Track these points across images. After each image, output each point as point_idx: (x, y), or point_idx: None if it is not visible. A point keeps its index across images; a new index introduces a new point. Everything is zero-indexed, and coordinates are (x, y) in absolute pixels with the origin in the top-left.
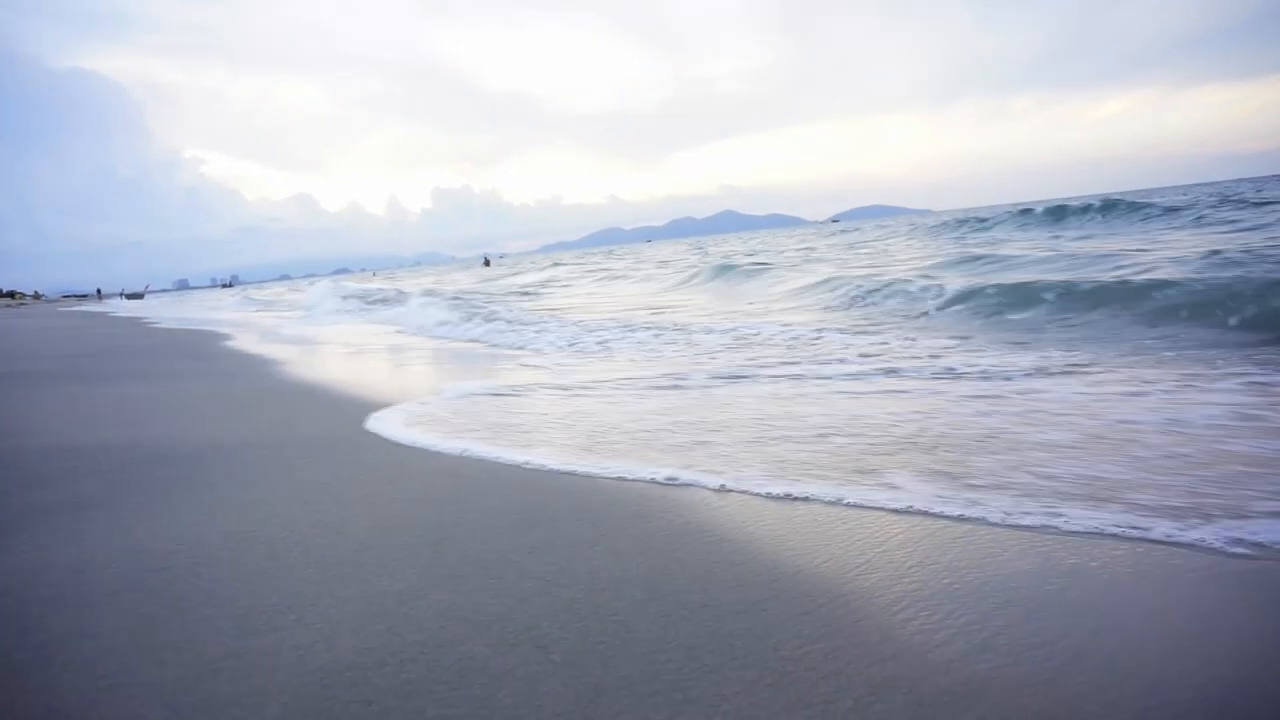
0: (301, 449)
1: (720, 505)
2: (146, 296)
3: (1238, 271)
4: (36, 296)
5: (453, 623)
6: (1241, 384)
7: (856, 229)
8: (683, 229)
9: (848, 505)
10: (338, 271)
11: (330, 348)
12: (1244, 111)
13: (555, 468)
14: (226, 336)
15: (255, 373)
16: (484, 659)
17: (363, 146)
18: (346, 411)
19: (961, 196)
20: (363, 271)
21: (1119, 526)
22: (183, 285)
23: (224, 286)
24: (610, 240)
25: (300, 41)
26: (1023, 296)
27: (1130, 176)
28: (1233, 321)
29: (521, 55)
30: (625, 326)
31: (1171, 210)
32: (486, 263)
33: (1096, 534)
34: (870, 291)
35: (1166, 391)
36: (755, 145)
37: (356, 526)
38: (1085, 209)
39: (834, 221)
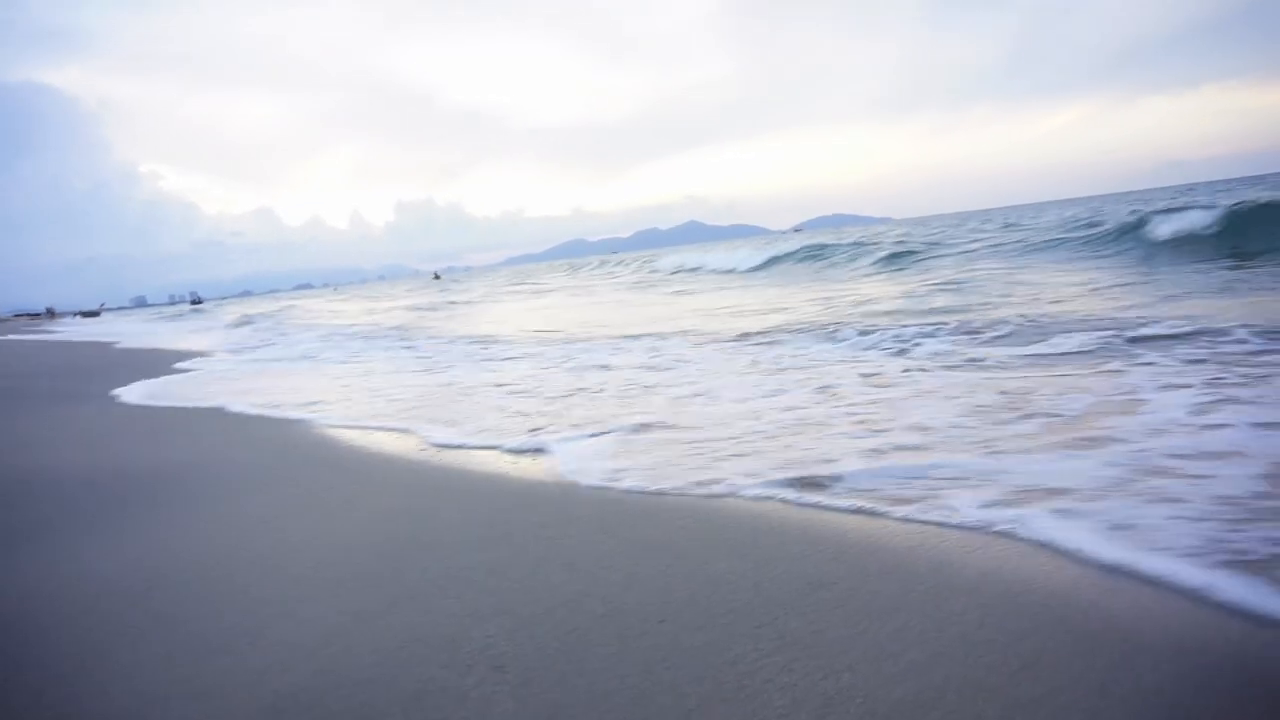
0: (255, 467)
1: (672, 517)
2: (102, 314)
3: None
4: None
5: (410, 643)
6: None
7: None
8: (648, 240)
9: (804, 507)
10: (300, 287)
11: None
12: (1186, 120)
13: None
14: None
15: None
16: (441, 680)
17: (324, 160)
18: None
19: (922, 204)
20: (325, 287)
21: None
22: (140, 302)
23: (194, 304)
24: (574, 252)
25: (260, 55)
26: None
27: (1081, 183)
28: None
29: (484, 68)
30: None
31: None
32: (436, 276)
33: (1049, 544)
34: None
35: None
36: (719, 156)
37: (317, 545)
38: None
39: (796, 230)
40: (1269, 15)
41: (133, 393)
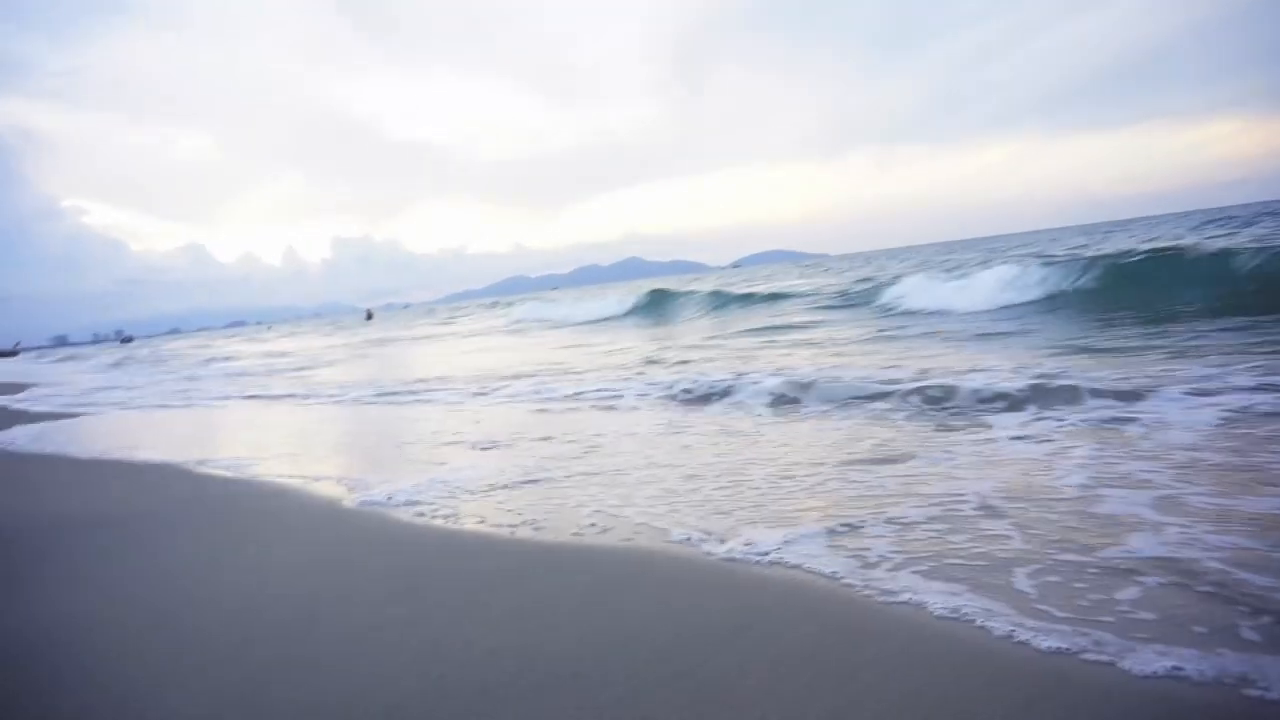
0: (170, 518)
1: (588, 565)
2: (20, 355)
3: None
4: None
5: (310, 711)
6: None
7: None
8: (588, 276)
9: (727, 560)
10: (232, 325)
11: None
12: (1108, 158)
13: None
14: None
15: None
16: None
17: (258, 195)
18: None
19: (858, 240)
20: (258, 324)
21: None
22: (60, 341)
23: (123, 342)
24: (516, 289)
25: (190, 88)
26: None
27: (1011, 220)
28: None
29: (424, 104)
30: None
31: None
32: (369, 316)
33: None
34: None
35: None
36: (658, 193)
37: (230, 598)
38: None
39: (735, 267)
40: (1183, 60)
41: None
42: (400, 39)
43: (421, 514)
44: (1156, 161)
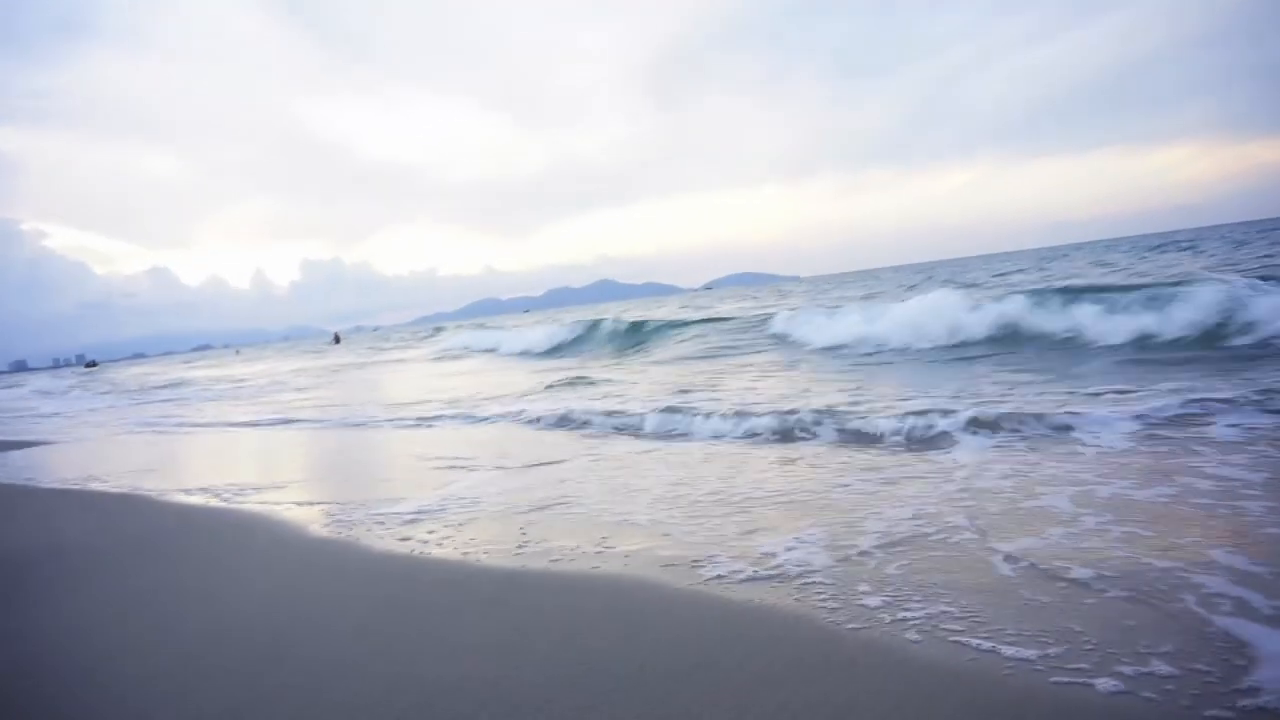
0: (127, 550)
1: (556, 593)
2: None
3: None
4: None
5: None
6: None
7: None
8: (560, 298)
9: (695, 588)
10: (199, 348)
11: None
12: (1067, 183)
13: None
14: None
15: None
16: None
17: (225, 218)
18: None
19: (830, 262)
20: (226, 348)
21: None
22: (19, 366)
23: (87, 366)
24: (487, 311)
25: (156, 109)
26: None
27: (975, 242)
28: None
29: (395, 126)
30: None
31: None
32: (336, 339)
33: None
34: None
35: None
36: (630, 216)
37: (189, 634)
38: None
39: (707, 289)
40: (1140, 87)
41: None
42: (370, 60)
43: (388, 541)
44: (1118, 185)
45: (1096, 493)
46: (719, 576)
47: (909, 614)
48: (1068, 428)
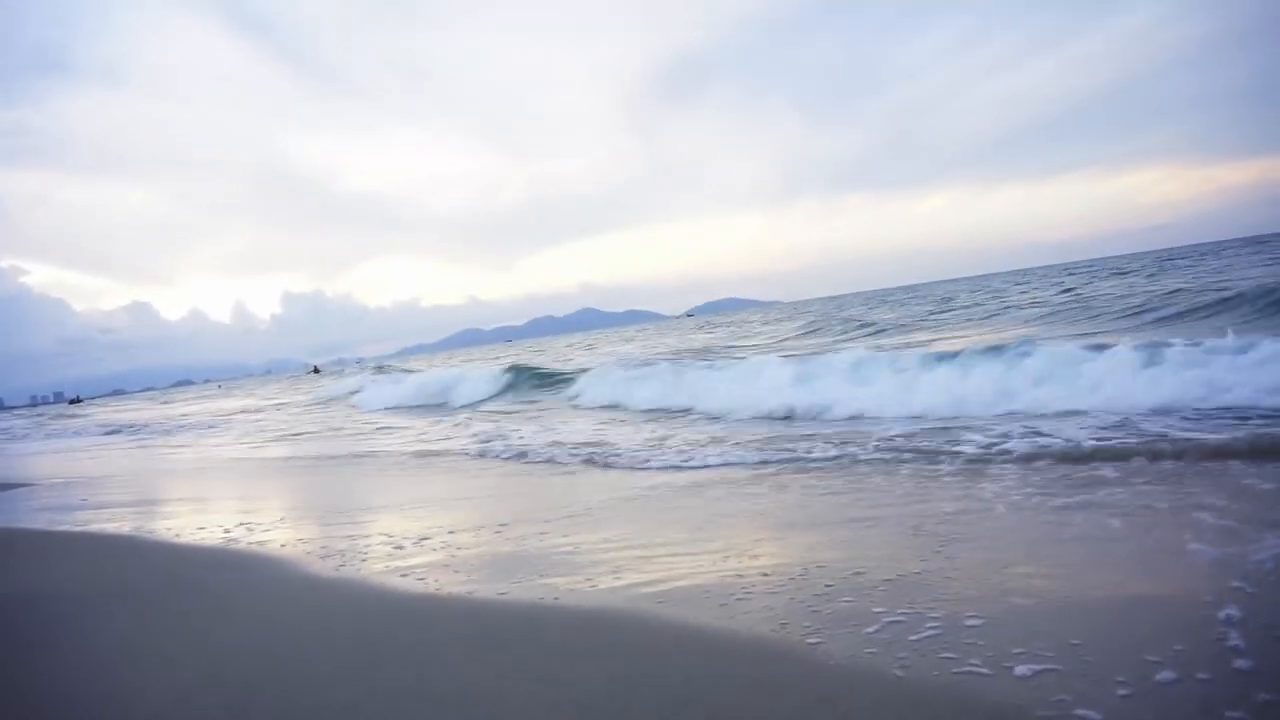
0: (93, 595)
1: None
2: None
3: None
4: None
5: None
6: None
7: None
8: (543, 328)
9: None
10: (179, 383)
11: None
12: (1040, 206)
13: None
14: None
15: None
16: None
17: (206, 252)
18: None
19: (810, 287)
20: (207, 383)
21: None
22: None
23: (71, 403)
24: (470, 341)
25: (135, 145)
26: None
27: (952, 265)
28: None
29: (376, 158)
30: None
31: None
32: (316, 370)
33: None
34: None
35: None
36: (612, 244)
37: (155, 689)
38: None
39: (689, 315)
40: (1115, 112)
41: None
42: (349, 92)
43: (364, 576)
44: (1092, 207)
45: None
46: (695, 606)
47: (902, 645)
48: None
